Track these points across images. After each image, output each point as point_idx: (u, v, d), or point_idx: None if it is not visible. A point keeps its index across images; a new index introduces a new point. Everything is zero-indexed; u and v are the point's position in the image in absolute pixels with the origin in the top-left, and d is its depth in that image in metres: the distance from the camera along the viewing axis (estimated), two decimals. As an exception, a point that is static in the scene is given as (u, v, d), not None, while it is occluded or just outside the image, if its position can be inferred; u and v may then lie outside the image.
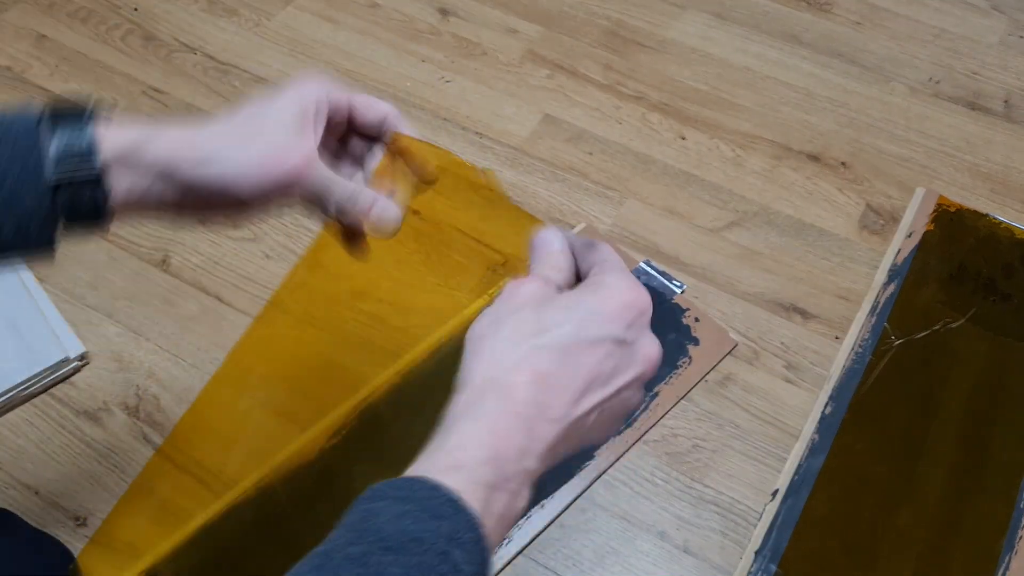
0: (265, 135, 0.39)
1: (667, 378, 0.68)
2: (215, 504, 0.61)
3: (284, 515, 0.61)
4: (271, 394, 0.68)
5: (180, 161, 0.38)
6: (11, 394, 0.66)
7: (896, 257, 0.77)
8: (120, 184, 0.38)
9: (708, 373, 0.69)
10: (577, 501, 0.63)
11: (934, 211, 0.81)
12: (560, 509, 0.62)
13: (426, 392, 0.68)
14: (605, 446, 0.65)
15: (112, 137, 0.37)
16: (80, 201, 0.37)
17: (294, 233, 0.79)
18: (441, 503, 0.29)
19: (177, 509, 0.62)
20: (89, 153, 0.37)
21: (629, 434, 0.66)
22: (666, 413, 0.67)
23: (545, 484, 0.63)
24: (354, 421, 0.66)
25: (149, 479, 0.63)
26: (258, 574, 0.58)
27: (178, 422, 0.66)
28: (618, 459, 0.65)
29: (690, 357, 0.70)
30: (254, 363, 0.70)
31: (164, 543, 0.59)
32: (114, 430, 0.66)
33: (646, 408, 0.67)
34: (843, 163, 0.86)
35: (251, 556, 0.59)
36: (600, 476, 0.64)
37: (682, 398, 0.68)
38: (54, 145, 0.36)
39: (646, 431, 0.66)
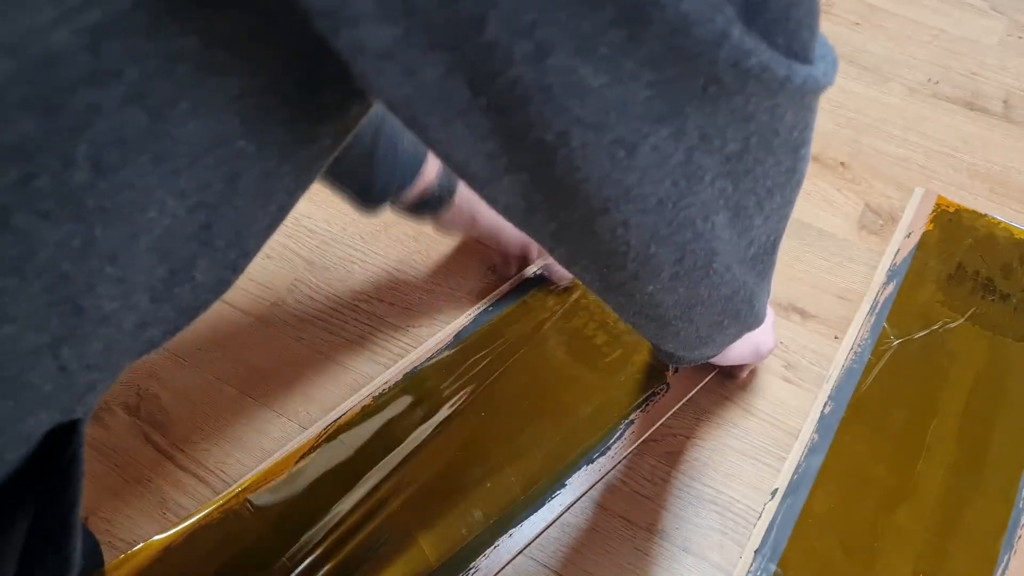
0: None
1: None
2: (215, 502, 0.61)
3: (283, 513, 0.61)
4: (272, 394, 0.68)
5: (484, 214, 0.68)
6: (12, 394, 0.66)
7: (895, 257, 0.77)
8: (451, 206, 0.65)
9: (713, 374, 0.69)
10: (577, 501, 0.63)
11: (933, 211, 0.81)
12: (561, 510, 0.62)
13: (427, 393, 0.68)
14: (605, 452, 0.65)
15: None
16: (431, 197, 0.63)
17: (294, 233, 0.79)
18: None
19: (177, 507, 0.62)
20: (452, 186, 0.65)
21: (630, 436, 0.66)
22: (669, 414, 0.67)
23: (546, 486, 0.63)
24: (355, 420, 0.66)
25: (150, 478, 0.64)
26: (259, 572, 0.58)
27: (179, 421, 0.67)
28: (617, 464, 0.65)
29: None
30: (258, 363, 0.70)
31: (164, 541, 0.59)
32: (115, 429, 0.66)
33: (646, 409, 0.67)
34: (842, 163, 0.87)
35: (251, 554, 0.59)
36: (602, 478, 0.64)
37: (686, 400, 0.68)
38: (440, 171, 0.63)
39: (649, 432, 0.66)
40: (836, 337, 0.73)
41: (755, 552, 0.60)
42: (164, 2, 0.23)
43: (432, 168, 0.62)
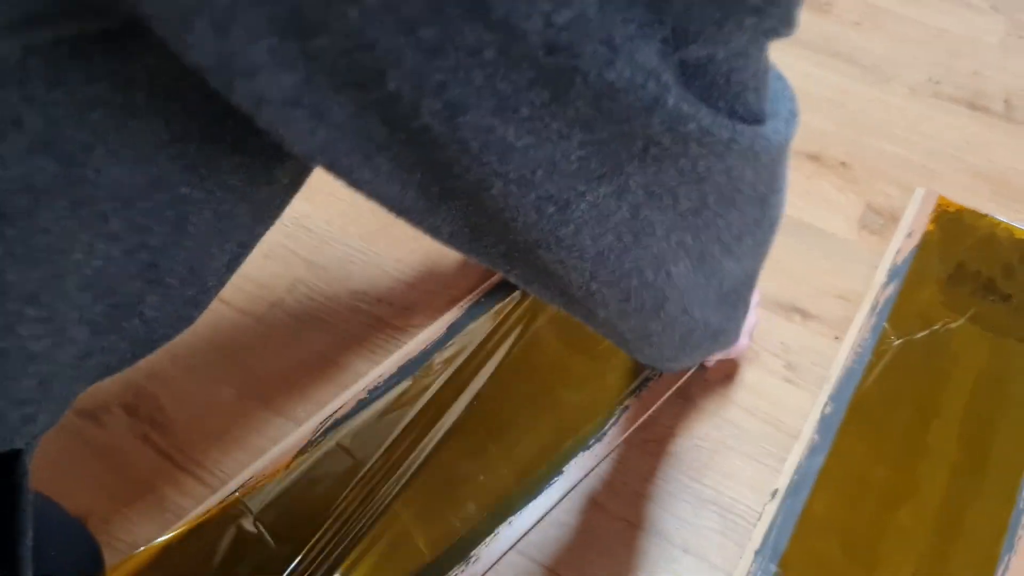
0: None
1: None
2: (213, 501, 0.61)
3: (279, 511, 0.61)
4: (271, 394, 0.68)
5: None
6: (11, 394, 0.65)
7: (896, 257, 0.77)
8: None
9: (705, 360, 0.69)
10: (576, 501, 0.63)
11: (934, 211, 0.81)
12: (559, 496, 0.62)
13: (421, 385, 0.67)
14: (601, 438, 0.65)
15: None
16: None
17: (293, 233, 0.79)
18: None
19: (177, 508, 0.62)
20: None
21: (625, 422, 0.66)
22: (663, 399, 0.67)
23: (543, 473, 0.63)
24: (349, 415, 0.66)
25: (148, 478, 0.63)
26: (255, 571, 0.58)
27: (177, 422, 0.66)
28: (613, 450, 0.65)
29: None
30: (256, 364, 0.70)
31: (163, 541, 0.59)
32: (114, 430, 0.66)
33: (639, 394, 0.67)
34: (843, 163, 0.86)
35: (248, 553, 0.59)
36: (599, 464, 0.64)
37: (680, 384, 0.68)
38: None
39: (643, 416, 0.66)
40: (837, 338, 0.72)
41: (756, 553, 0.60)
42: (63, 48, 0.22)
43: None
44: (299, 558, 0.58)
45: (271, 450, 0.64)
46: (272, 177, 0.30)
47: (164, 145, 0.25)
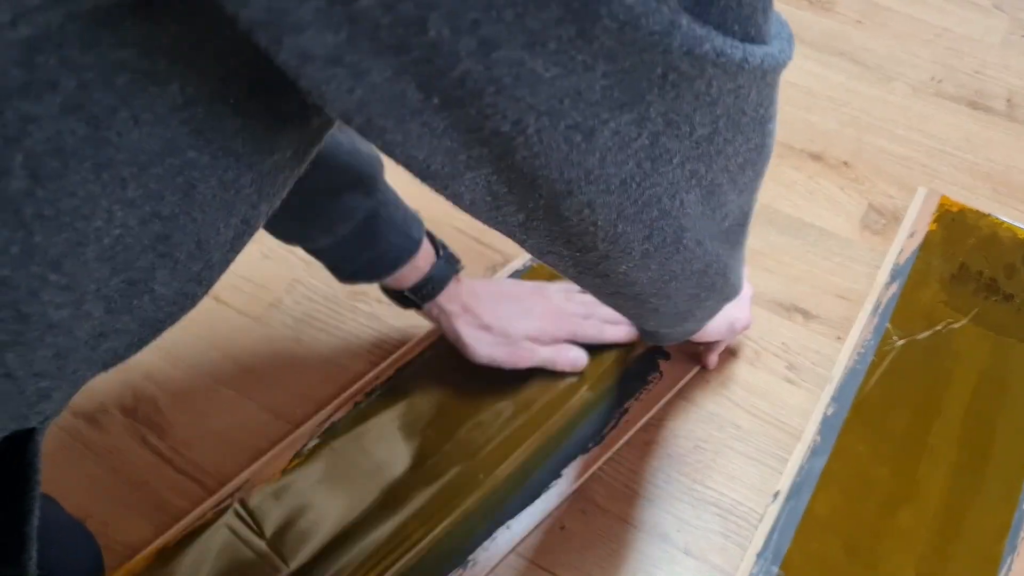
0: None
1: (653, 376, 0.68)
2: (210, 502, 0.61)
3: (276, 513, 0.60)
4: (269, 395, 0.68)
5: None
6: (8, 395, 0.65)
7: (898, 257, 0.77)
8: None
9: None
10: (577, 503, 0.63)
11: (936, 211, 0.81)
12: (558, 500, 0.62)
13: (417, 386, 0.67)
14: (599, 441, 0.64)
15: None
16: (407, 298, 0.64)
17: (293, 233, 0.78)
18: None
19: (176, 510, 0.61)
20: (439, 287, 0.64)
21: (624, 425, 0.65)
22: (663, 402, 0.67)
23: (541, 476, 0.63)
24: (345, 417, 0.66)
25: (146, 480, 0.63)
26: (254, 574, 0.58)
27: (176, 423, 0.66)
28: (611, 452, 0.64)
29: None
30: (254, 364, 0.70)
31: (160, 544, 0.59)
32: (112, 431, 0.66)
33: (639, 397, 0.67)
34: (845, 162, 0.86)
35: (244, 555, 0.59)
36: (597, 467, 0.64)
37: (679, 387, 0.68)
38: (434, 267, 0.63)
39: (643, 420, 0.66)
40: (839, 338, 0.72)
41: (757, 555, 0.60)
42: (99, 14, 0.23)
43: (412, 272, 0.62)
44: (298, 560, 0.58)
45: (269, 452, 0.64)
46: (274, 145, 0.32)
47: (177, 109, 0.27)
